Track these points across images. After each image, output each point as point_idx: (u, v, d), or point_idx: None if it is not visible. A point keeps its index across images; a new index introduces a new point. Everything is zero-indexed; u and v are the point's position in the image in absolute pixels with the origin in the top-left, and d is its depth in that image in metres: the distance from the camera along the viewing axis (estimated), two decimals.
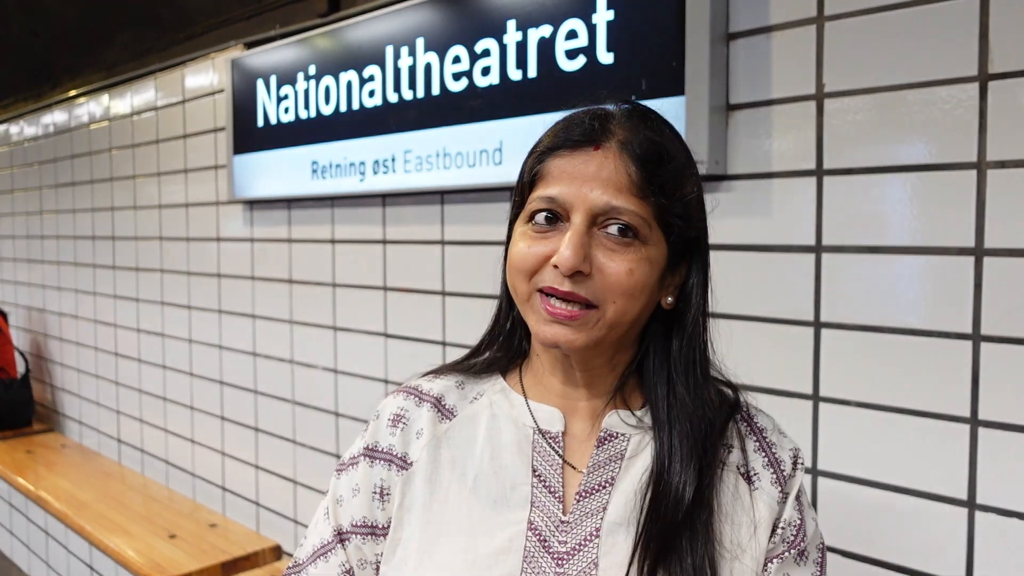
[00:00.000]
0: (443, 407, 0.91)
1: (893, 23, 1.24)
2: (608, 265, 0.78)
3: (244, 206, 2.64)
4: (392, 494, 0.88)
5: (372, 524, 0.89)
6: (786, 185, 1.36)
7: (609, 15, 1.53)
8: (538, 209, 0.81)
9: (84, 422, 3.77)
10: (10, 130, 4.31)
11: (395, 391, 0.96)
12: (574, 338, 0.78)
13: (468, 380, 0.94)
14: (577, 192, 0.78)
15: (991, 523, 1.18)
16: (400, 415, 0.92)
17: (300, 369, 2.46)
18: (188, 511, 2.87)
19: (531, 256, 0.80)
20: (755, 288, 1.41)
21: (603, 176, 0.78)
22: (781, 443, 0.88)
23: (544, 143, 0.84)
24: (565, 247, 0.77)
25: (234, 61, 2.54)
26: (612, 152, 0.79)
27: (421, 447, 0.89)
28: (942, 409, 1.21)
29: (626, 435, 0.85)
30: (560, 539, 0.82)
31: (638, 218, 0.78)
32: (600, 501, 0.83)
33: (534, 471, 0.85)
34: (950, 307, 1.20)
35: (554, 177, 0.80)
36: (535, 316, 0.81)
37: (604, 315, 0.79)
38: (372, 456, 0.91)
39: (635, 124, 0.81)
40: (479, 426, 0.89)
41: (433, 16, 1.91)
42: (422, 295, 2.06)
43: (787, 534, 0.84)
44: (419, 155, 1.95)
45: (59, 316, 3.93)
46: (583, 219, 0.78)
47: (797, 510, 0.85)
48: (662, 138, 0.82)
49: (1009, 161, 1.14)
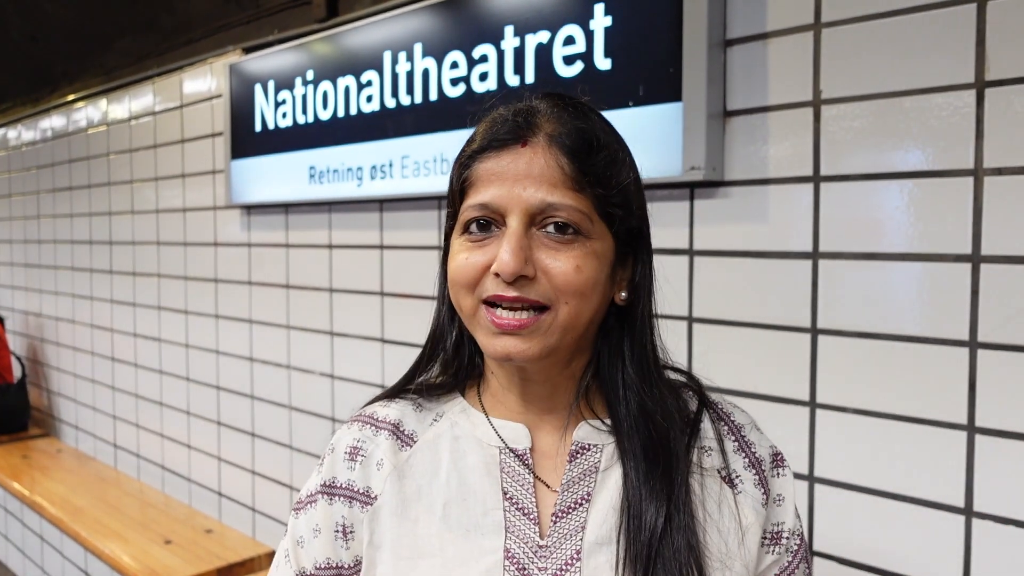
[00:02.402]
0: (402, 433, 0.86)
1: (890, 30, 1.24)
2: (553, 265, 0.73)
3: (242, 211, 2.64)
4: (357, 531, 0.83)
5: (337, 565, 0.84)
6: (783, 191, 1.36)
7: (607, 21, 1.53)
8: (472, 218, 0.76)
9: (80, 427, 3.75)
10: (8, 135, 4.31)
11: (349, 421, 0.90)
12: (526, 347, 0.73)
13: (425, 401, 0.88)
14: (509, 193, 0.74)
15: (988, 530, 1.17)
16: (357, 447, 0.85)
17: (297, 374, 2.45)
18: (184, 517, 2.85)
19: (469, 267, 0.75)
20: (752, 294, 1.41)
21: (534, 173, 0.74)
22: (760, 441, 0.85)
23: (470, 147, 0.79)
24: (504, 252, 0.72)
25: (232, 66, 2.54)
26: (541, 147, 0.75)
27: (383, 479, 0.83)
28: (939, 416, 1.21)
29: (599, 446, 0.81)
30: (540, 565, 0.77)
31: (577, 212, 0.74)
32: (578, 520, 0.78)
33: (505, 493, 0.80)
34: (947, 314, 1.20)
35: (484, 181, 0.76)
36: (483, 330, 0.76)
37: (557, 317, 0.74)
38: (331, 493, 0.85)
39: (561, 115, 0.77)
40: (442, 450, 0.83)
41: (431, 22, 1.91)
42: (419, 300, 2.06)
43: (791, 544, 0.82)
44: (416, 160, 1.95)
45: (56, 321, 3.92)
46: (519, 220, 0.73)
47: (797, 517, 0.84)
48: (591, 126, 0.77)
49: (1006, 168, 1.14)
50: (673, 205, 1.50)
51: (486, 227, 0.76)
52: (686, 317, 1.49)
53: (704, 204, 1.46)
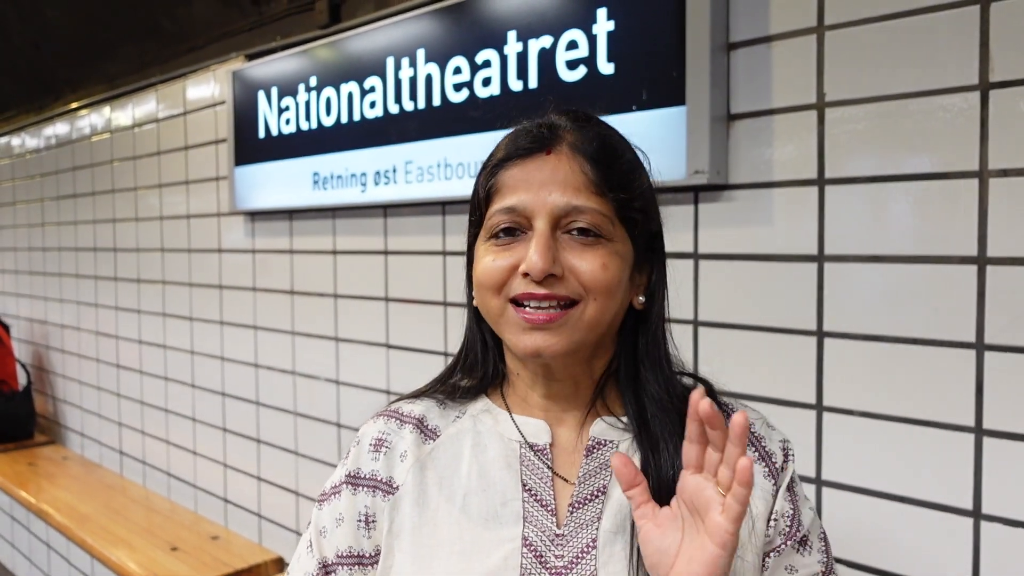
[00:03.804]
0: (425, 428, 0.89)
1: (893, 32, 1.24)
2: (580, 264, 0.77)
3: (245, 217, 2.64)
4: (378, 521, 0.86)
5: (358, 553, 0.86)
6: (788, 194, 1.36)
7: (609, 25, 1.53)
8: (499, 223, 0.80)
9: (86, 434, 3.76)
10: (12, 142, 4.32)
11: (374, 415, 0.94)
12: (554, 342, 0.77)
13: (448, 400, 0.92)
14: (536, 198, 0.77)
15: (997, 533, 1.17)
16: (382, 439, 0.89)
17: (302, 380, 2.45)
18: (190, 523, 2.86)
19: (496, 269, 0.79)
20: (757, 298, 1.40)
21: (559, 178, 0.78)
22: (770, 435, 0.88)
23: (496, 156, 0.83)
24: (533, 252, 0.75)
25: (235, 73, 2.55)
26: (565, 154, 0.79)
27: (406, 470, 0.86)
28: (946, 419, 1.21)
29: (614, 441, 0.85)
30: (556, 553, 0.80)
31: (600, 216, 0.77)
32: (594, 511, 0.82)
33: (524, 485, 0.83)
34: (953, 316, 1.20)
35: (510, 188, 0.80)
36: (511, 328, 0.79)
37: (585, 312, 0.77)
38: (355, 483, 0.88)
39: (582, 126, 0.82)
40: (464, 444, 0.87)
41: (434, 27, 1.91)
42: (424, 305, 2.06)
43: (781, 525, 0.84)
44: (420, 166, 1.96)
45: (61, 328, 3.93)
46: (546, 223, 0.77)
47: (789, 501, 0.85)
48: (610, 135, 0.83)
49: (1011, 169, 1.14)
50: (677, 209, 1.50)
51: (511, 232, 0.80)
52: (691, 321, 1.49)
53: (708, 208, 1.46)
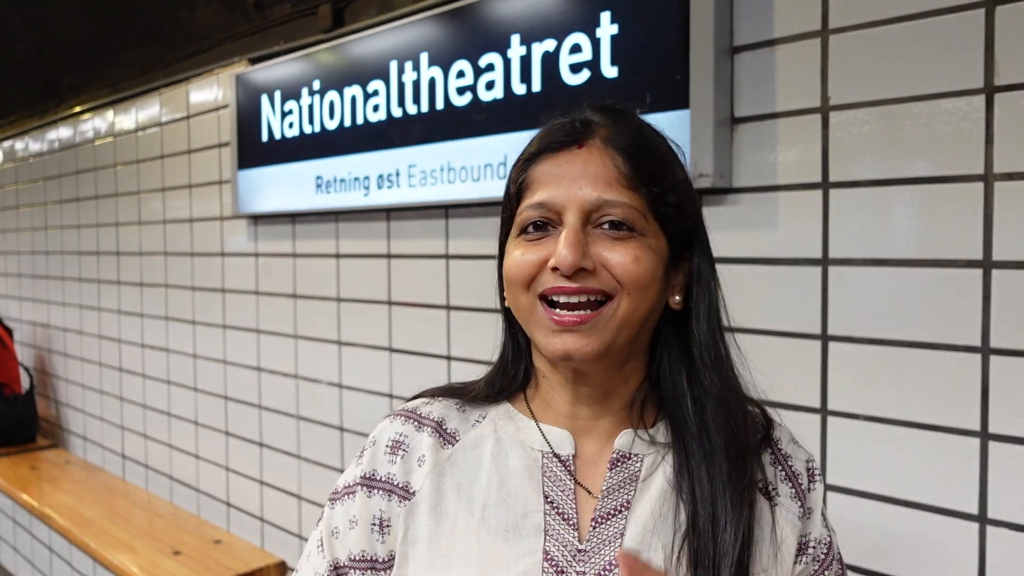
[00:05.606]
0: (444, 431, 0.86)
1: (898, 35, 1.24)
2: (612, 257, 0.74)
3: (248, 221, 2.64)
4: (393, 526, 0.83)
5: (371, 558, 0.84)
6: (792, 198, 1.36)
7: (613, 29, 1.53)
8: (529, 218, 0.78)
9: (88, 438, 3.76)
10: (15, 146, 4.33)
11: (392, 415, 0.90)
12: (585, 343, 0.74)
13: (468, 404, 0.89)
14: (567, 192, 0.75)
15: (1002, 537, 1.16)
16: (400, 441, 0.86)
17: (305, 384, 2.45)
18: (192, 527, 2.85)
19: (526, 263, 0.77)
20: (761, 301, 1.40)
21: (591, 172, 0.76)
22: (796, 454, 0.85)
23: (527, 151, 0.82)
24: (562, 246, 0.73)
25: (238, 77, 2.55)
26: (597, 147, 0.77)
27: (423, 475, 0.83)
28: (951, 423, 1.21)
29: (639, 455, 0.81)
30: (578, 569, 0.77)
31: (632, 210, 0.75)
32: (617, 527, 0.78)
33: (546, 497, 0.80)
34: (958, 320, 1.19)
35: (541, 183, 0.78)
36: (541, 329, 0.76)
37: (618, 308, 0.74)
38: (370, 485, 0.85)
39: (615, 120, 0.80)
40: (484, 451, 0.84)
41: (437, 31, 1.92)
42: (427, 309, 2.06)
43: (818, 552, 0.82)
44: (423, 170, 1.96)
45: (63, 332, 3.93)
46: (577, 217, 0.75)
47: (825, 526, 0.83)
48: (644, 129, 0.81)
49: (1016, 173, 1.14)
50: None
51: (542, 227, 0.77)
52: None
53: (712, 211, 1.46)
